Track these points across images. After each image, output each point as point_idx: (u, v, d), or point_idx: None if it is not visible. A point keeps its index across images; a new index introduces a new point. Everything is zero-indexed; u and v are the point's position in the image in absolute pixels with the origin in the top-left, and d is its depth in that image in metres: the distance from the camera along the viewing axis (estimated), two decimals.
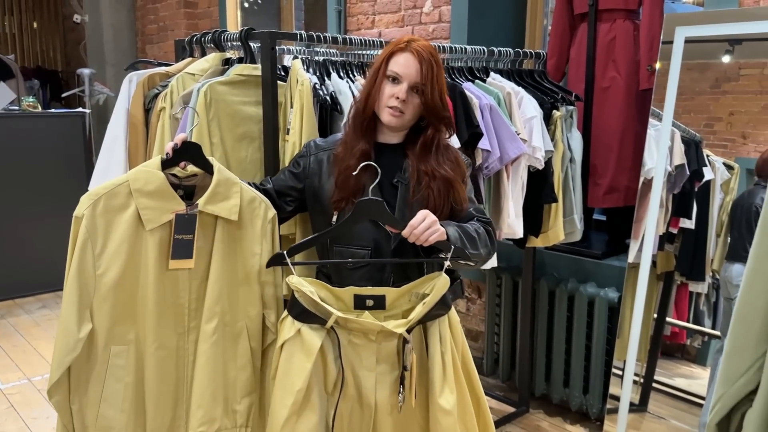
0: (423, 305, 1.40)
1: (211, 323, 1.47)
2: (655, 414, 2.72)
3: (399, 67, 1.54)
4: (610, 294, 2.74)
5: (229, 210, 1.46)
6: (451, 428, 1.39)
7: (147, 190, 1.43)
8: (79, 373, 1.44)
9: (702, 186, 2.64)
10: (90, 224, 1.40)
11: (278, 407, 1.40)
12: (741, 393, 1.04)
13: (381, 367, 1.43)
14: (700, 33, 2.55)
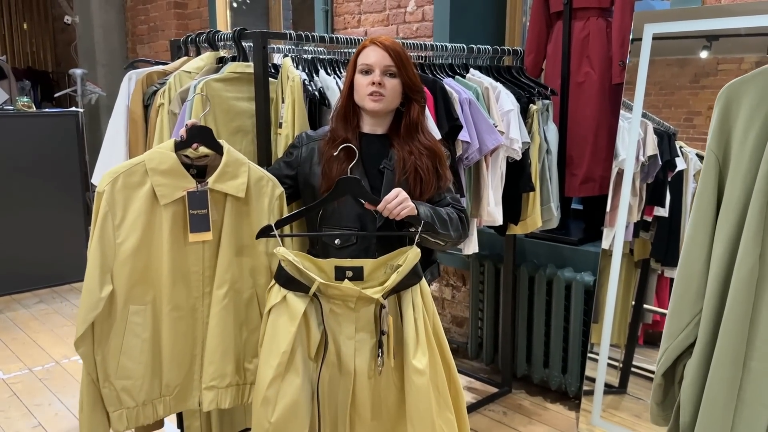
0: (397, 274, 1.53)
1: (221, 289, 1.63)
2: (634, 396, 2.86)
3: (368, 59, 1.71)
4: (586, 278, 2.88)
5: (237, 188, 1.62)
6: (424, 387, 1.51)
7: (161, 168, 1.59)
8: (101, 329, 1.61)
9: (675, 176, 2.78)
10: (110, 198, 1.56)
11: (264, 368, 1.52)
12: (682, 346, 1.19)
13: (360, 335, 1.55)
14: (667, 30, 2.70)
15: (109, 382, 1.64)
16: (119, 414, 1.66)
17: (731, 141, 1.16)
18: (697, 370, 1.16)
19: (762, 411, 1.11)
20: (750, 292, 1.10)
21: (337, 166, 1.70)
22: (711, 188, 1.18)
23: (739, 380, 1.12)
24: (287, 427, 1.51)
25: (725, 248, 1.14)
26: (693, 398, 1.18)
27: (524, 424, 2.83)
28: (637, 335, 2.90)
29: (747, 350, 1.11)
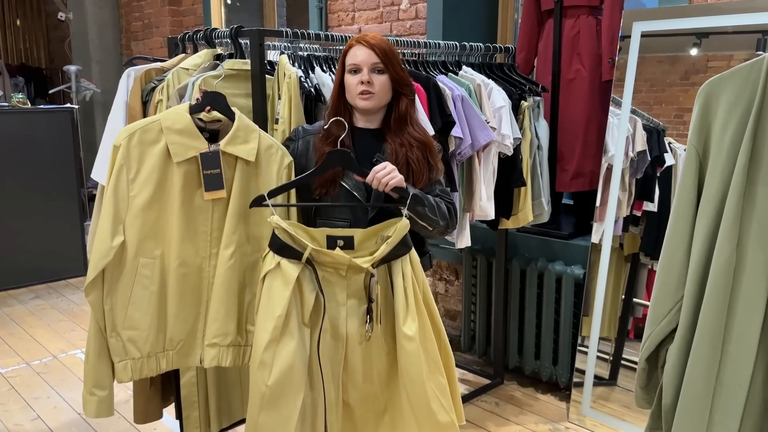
0: (386, 244, 1.58)
1: (228, 249, 1.68)
2: (624, 387, 2.93)
3: (355, 59, 1.75)
4: (576, 271, 2.94)
5: (247, 152, 1.68)
6: (414, 352, 1.57)
7: (176, 128, 1.66)
8: (112, 278, 1.66)
9: (664, 171, 2.84)
10: (125, 153, 1.63)
11: (260, 332, 1.56)
12: (665, 331, 1.25)
13: (351, 301, 1.61)
14: (655, 28, 2.75)
15: (116, 332, 1.69)
16: (124, 365, 1.71)
17: (711, 135, 1.21)
18: (679, 355, 1.22)
19: (739, 392, 1.17)
20: (728, 280, 1.16)
21: None
22: (691, 181, 1.23)
23: (718, 363, 1.18)
24: (284, 389, 1.55)
25: (704, 238, 1.20)
26: (674, 381, 1.24)
27: (516, 414, 2.89)
28: (626, 328, 2.96)
29: (725, 335, 1.17)
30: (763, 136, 1.14)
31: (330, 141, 1.76)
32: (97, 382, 1.72)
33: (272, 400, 1.56)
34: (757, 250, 1.14)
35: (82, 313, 4.18)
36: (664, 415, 1.28)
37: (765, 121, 1.14)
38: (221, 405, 2.33)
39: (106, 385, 1.73)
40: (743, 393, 1.16)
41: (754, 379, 1.16)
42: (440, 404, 1.61)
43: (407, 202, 1.61)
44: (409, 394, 1.60)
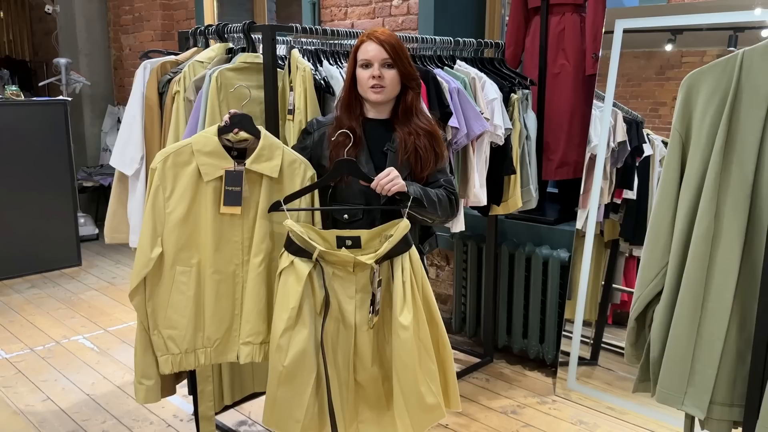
0: (388, 242, 1.74)
1: (258, 257, 1.84)
2: (605, 367, 3.12)
3: (366, 54, 1.89)
4: (562, 254, 3.12)
5: (271, 168, 1.82)
6: (408, 340, 1.73)
7: (205, 150, 1.82)
8: (152, 285, 1.85)
9: (642, 161, 3.03)
10: (161, 174, 1.80)
11: (277, 321, 1.75)
12: (652, 293, 1.42)
13: (359, 294, 1.78)
14: (636, 25, 2.93)
15: (158, 330, 1.88)
16: (165, 358, 1.90)
17: (692, 122, 1.38)
18: (664, 313, 1.39)
19: (717, 343, 1.35)
20: (707, 246, 1.33)
21: (342, 150, 1.88)
22: (676, 161, 1.40)
23: (699, 319, 1.36)
24: (297, 369, 1.73)
25: (687, 211, 1.37)
26: (661, 336, 1.41)
27: (505, 389, 3.06)
28: (606, 313, 3.14)
29: (704, 294, 1.35)
30: (736, 122, 1.31)
31: (342, 131, 1.89)
32: (144, 373, 1.94)
33: (288, 377, 1.75)
34: (731, 220, 1.32)
35: (79, 302, 4.27)
36: (652, 367, 1.46)
37: (739, 109, 1.31)
38: (233, 379, 2.47)
39: (152, 375, 1.94)
40: (720, 343, 1.34)
41: (729, 331, 1.34)
42: (428, 388, 1.78)
43: (408, 204, 1.77)
44: (400, 378, 1.76)
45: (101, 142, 6.35)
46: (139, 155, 2.29)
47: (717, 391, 1.37)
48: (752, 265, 1.33)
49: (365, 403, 1.87)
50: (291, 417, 1.78)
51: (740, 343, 1.36)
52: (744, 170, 1.31)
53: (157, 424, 2.77)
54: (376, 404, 1.87)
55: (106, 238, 2.41)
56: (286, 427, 1.80)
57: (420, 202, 1.82)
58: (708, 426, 1.41)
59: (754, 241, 1.32)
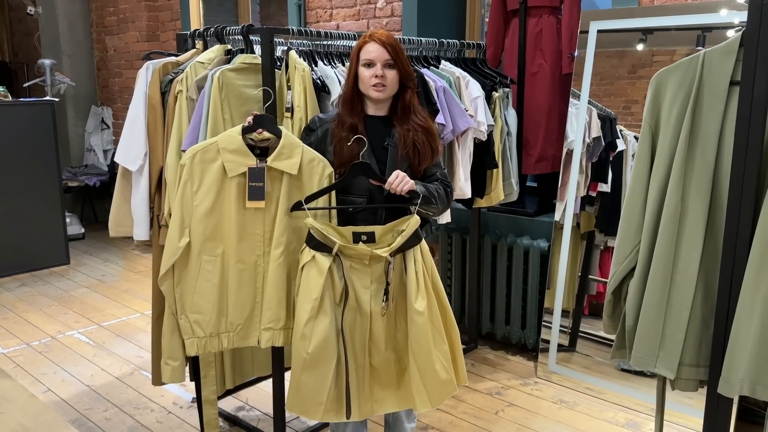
0: (401, 237, 1.90)
1: (278, 249, 1.97)
2: (582, 353, 3.29)
3: (370, 54, 2.02)
4: (542, 244, 3.29)
5: (291, 166, 1.96)
6: (423, 325, 1.89)
7: (230, 148, 1.95)
8: (180, 272, 1.98)
9: (616, 155, 3.20)
10: (189, 170, 1.94)
11: (300, 312, 1.89)
12: (626, 269, 1.59)
13: (374, 285, 1.93)
14: (610, 26, 3.11)
15: (185, 314, 2.00)
16: (191, 341, 2.02)
17: (660, 114, 1.55)
18: (638, 286, 1.55)
19: (684, 311, 1.52)
20: (674, 225, 1.50)
21: (346, 146, 2.02)
22: (646, 150, 1.57)
23: (668, 290, 1.52)
24: (320, 356, 1.87)
25: (656, 194, 1.54)
26: (635, 307, 1.58)
27: (490, 373, 3.23)
28: (583, 303, 3.31)
29: (672, 267, 1.51)
30: (699, 114, 1.48)
31: (345, 127, 2.03)
32: (171, 354, 2.06)
33: (312, 364, 1.89)
34: (696, 201, 1.48)
35: (70, 298, 4.34)
36: (627, 335, 1.62)
37: (701, 103, 1.48)
38: (234, 365, 2.59)
39: (178, 357, 2.07)
40: (687, 312, 1.51)
41: (695, 300, 1.51)
42: (442, 366, 1.95)
43: (419, 202, 1.92)
44: (417, 358, 1.92)
45: (85, 142, 6.40)
46: (142, 152, 2.40)
47: (685, 353, 1.54)
48: (715, 241, 1.50)
49: (378, 384, 2.02)
50: (314, 401, 1.92)
51: (705, 311, 1.53)
52: (706, 157, 1.48)
53: (158, 411, 2.88)
54: (388, 384, 2.03)
55: (110, 231, 2.51)
56: (308, 410, 1.95)
57: (428, 200, 1.99)
58: (677, 385, 1.58)
59: (716, 219, 1.49)
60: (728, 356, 1.43)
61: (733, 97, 1.44)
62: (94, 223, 6.33)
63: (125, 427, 2.74)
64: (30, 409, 1.92)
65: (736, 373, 1.42)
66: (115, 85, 6.01)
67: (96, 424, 2.77)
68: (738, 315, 1.40)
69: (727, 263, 1.44)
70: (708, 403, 1.50)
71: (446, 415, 2.81)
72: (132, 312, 4.10)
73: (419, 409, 1.96)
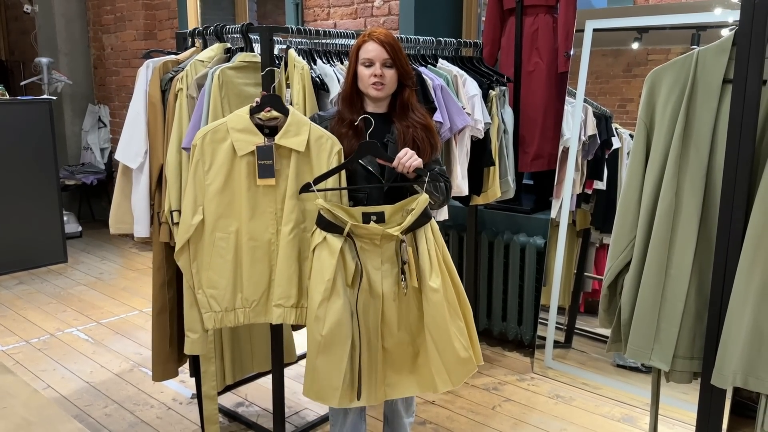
0: (411, 215, 1.90)
1: (287, 226, 2.00)
2: (578, 349, 3.33)
3: (369, 53, 2.04)
4: (538, 241, 3.32)
5: (298, 143, 1.98)
6: (439, 302, 1.89)
7: (238, 128, 2.00)
8: (195, 248, 2.05)
9: (611, 153, 3.24)
10: (200, 150, 1.99)
11: (314, 293, 1.90)
12: (622, 264, 1.62)
13: (385, 266, 1.93)
14: (605, 25, 3.14)
15: (202, 289, 2.06)
16: (209, 315, 2.07)
17: (655, 112, 1.58)
18: (633, 280, 1.58)
19: (677, 304, 1.55)
20: (669, 220, 1.53)
21: (347, 141, 2.04)
22: (641, 146, 1.60)
23: (663, 284, 1.55)
24: (334, 338, 1.88)
25: (651, 189, 1.57)
26: (630, 300, 1.61)
27: (487, 369, 3.25)
28: (579, 300, 3.34)
29: (667, 261, 1.54)
30: (693, 111, 1.51)
31: (345, 123, 2.05)
32: (190, 327, 2.13)
33: (326, 346, 1.90)
34: (690, 196, 1.51)
35: (69, 296, 4.36)
36: (623, 328, 1.65)
37: (695, 100, 1.51)
38: (234, 360, 2.61)
39: (197, 330, 2.13)
40: (681, 305, 1.53)
41: (689, 294, 1.54)
42: (461, 343, 1.95)
43: (426, 180, 1.93)
44: (434, 337, 1.92)
45: (82, 140, 6.41)
46: (143, 149, 2.42)
47: (679, 346, 1.57)
48: (708, 235, 1.53)
49: (391, 368, 2.02)
50: (330, 385, 1.92)
51: (699, 304, 1.56)
52: (700, 153, 1.51)
53: (158, 407, 2.90)
54: (401, 368, 2.02)
55: (111, 228, 2.53)
56: (325, 395, 1.94)
57: (436, 177, 1.99)
58: (672, 377, 1.61)
59: (709, 214, 1.53)
60: (721, 348, 1.46)
61: (726, 94, 1.47)
62: (92, 222, 6.35)
63: (125, 423, 2.76)
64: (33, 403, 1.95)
65: (728, 365, 1.45)
66: (112, 84, 6.02)
67: (96, 420, 2.79)
68: (731, 308, 1.44)
69: (721, 257, 1.47)
70: (702, 394, 1.53)
71: (444, 410, 2.84)
72: (130, 309, 4.12)
73: (440, 389, 1.95)
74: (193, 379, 2.67)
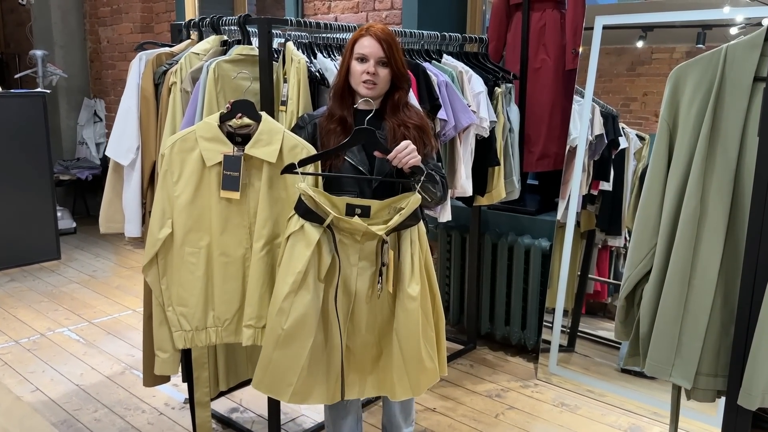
0: (399, 215, 1.79)
1: (259, 242, 1.88)
2: (581, 354, 3.24)
3: (364, 49, 1.94)
4: (543, 243, 3.23)
5: (269, 153, 1.85)
6: (415, 311, 1.79)
7: (206, 136, 1.88)
8: (164, 263, 1.93)
9: (618, 153, 3.14)
10: (169, 160, 1.87)
11: (281, 285, 1.78)
12: (641, 273, 1.52)
13: (362, 263, 1.82)
14: (615, 21, 3.04)
15: (172, 306, 1.95)
16: (179, 334, 1.96)
17: (679, 111, 1.48)
18: (653, 290, 1.48)
19: (701, 316, 1.45)
20: (693, 227, 1.43)
21: (334, 138, 1.94)
22: (663, 148, 1.50)
23: (686, 295, 1.45)
24: (296, 333, 1.77)
25: (674, 194, 1.46)
26: (650, 312, 1.51)
27: (489, 374, 3.16)
28: (582, 303, 3.25)
29: (691, 271, 1.44)
30: (720, 111, 1.41)
31: (334, 120, 1.95)
32: (159, 345, 2.00)
33: (286, 341, 1.79)
34: (716, 202, 1.41)
35: (61, 295, 4.25)
36: (642, 342, 1.55)
37: (723, 99, 1.41)
38: (228, 366, 2.51)
39: (167, 349, 2.00)
40: (706, 318, 1.44)
41: (714, 306, 1.44)
42: (428, 354, 1.86)
43: (421, 179, 1.82)
44: (402, 344, 1.82)
45: (77, 135, 6.30)
46: (135, 146, 2.31)
47: (702, 362, 1.47)
48: (735, 243, 1.43)
49: (351, 368, 1.92)
50: (283, 381, 1.82)
51: (724, 317, 1.46)
52: (728, 155, 1.41)
53: (149, 412, 2.80)
54: (362, 368, 1.93)
55: (101, 227, 2.42)
56: (278, 390, 1.85)
57: (432, 177, 1.89)
58: (694, 395, 1.51)
59: (737, 221, 1.43)
60: (749, 365, 1.36)
61: (757, 93, 1.37)
62: (86, 218, 6.23)
63: (115, 429, 2.66)
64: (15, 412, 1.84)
65: (758, 384, 1.35)
66: (108, 77, 5.91)
67: (85, 425, 2.69)
68: (761, 321, 1.34)
69: (749, 267, 1.37)
70: (726, 415, 1.44)
71: (445, 419, 2.75)
72: (123, 309, 4.01)
73: (399, 397, 1.88)
74: (186, 383, 2.57)
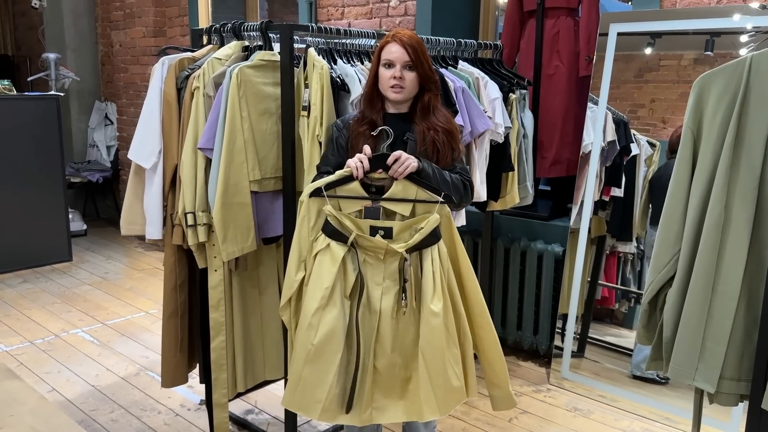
0: (419, 234, 1.84)
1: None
2: (591, 359, 3.25)
3: (390, 55, 1.98)
4: (556, 248, 3.25)
5: (404, 208, 1.90)
6: (437, 327, 1.83)
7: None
8: (297, 304, 1.96)
9: (629, 160, 3.16)
10: (307, 206, 1.92)
11: (310, 300, 1.84)
12: (665, 278, 1.54)
13: (386, 282, 1.87)
14: (630, 29, 3.06)
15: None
16: None
17: (703, 119, 1.50)
18: (677, 296, 1.50)
19: (725, 322, 1.47)
20: (717, 234, 1.45)
21: (362, 141, 1.98)
22: (687, 155, 1.52)
23: (709, 300, 1.48)
24: (325, 348, 1.81)
25: (699, 201, 1.49)
26: (673, 317, 1.53)
27: None
28: (591, 309, 3.26)
29: (715, 277, 1.47)
30: (745, 120, 1.43)
31: (365, 122, 2.00)
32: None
33: (316, 356, 1.83)
34: (740, 209, 1.44)
35: (73, 296, 4.28)
36: (665, 347, 1.57)
37: (747, 108, 1.43)
38: (246, 367, 2.53)
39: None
40: (729, 323, 1.46)
41: (738, 311, 1.46)
42: (454, 372, 1.88)
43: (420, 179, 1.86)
44: (427, 361, 1.85)
45: (88, 137, 6.34)
46: (157, 149, 2.34)
47: (726, 366, 1.49)
48: (759, 249, 1.46)
49: (380, 390, 1.94)
50: (312, 397, 1.85)
51: (748, 322, 1.48)
52: (752, 163, 1.43)
53: (165, 413, 2.82)
54: (391, 391, 1.94)
55: (122, 229, 2.45)
56: (307, 408, 1.87)
57: (434, 179, 1.91)
58: (717, 399, 1.53)
59: (761, 227, 1.45)
60: None
61: None
62: (97, 220, 6.28)
63: (132, 429, 2.69)
64: (41, 411, 1.87)
65: None
66: (119, 81, 5.95)
67: (102, 425, 2.71)
68: None
69: None
70: (749, 418, 1.45)
71: (459, 422, 2.76)
72: (136, 311, 4.04)
73: (426, 417, 1.88)
74: (204, 385, 2.59)
